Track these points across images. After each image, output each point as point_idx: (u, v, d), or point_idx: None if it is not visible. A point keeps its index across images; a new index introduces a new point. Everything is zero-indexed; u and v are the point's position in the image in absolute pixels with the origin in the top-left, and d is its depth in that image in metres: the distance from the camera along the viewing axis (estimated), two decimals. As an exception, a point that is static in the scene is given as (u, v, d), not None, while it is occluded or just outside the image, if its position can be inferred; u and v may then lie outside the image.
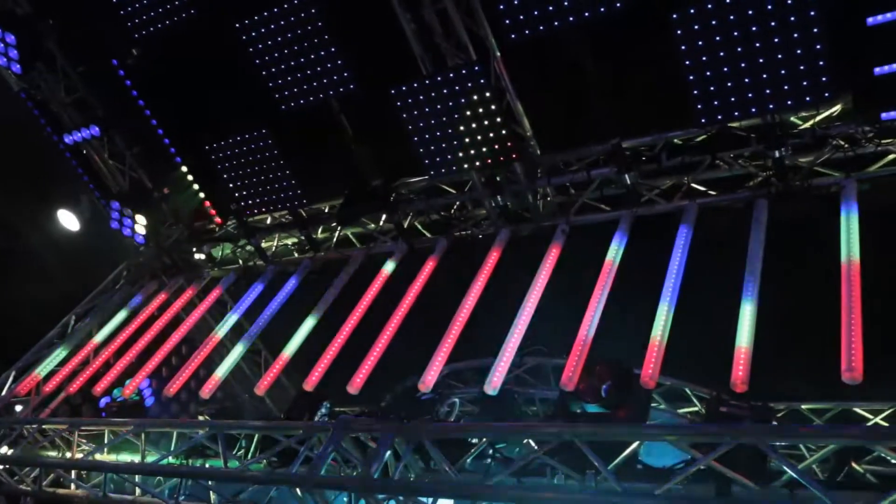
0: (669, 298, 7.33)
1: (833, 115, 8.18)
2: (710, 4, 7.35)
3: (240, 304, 11.29)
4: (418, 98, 9.07)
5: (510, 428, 6.83)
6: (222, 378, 10.06)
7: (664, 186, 9.03)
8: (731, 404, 6.73)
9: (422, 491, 6.63)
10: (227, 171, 10.99)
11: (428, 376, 7.99)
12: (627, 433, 6.20)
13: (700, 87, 7.72)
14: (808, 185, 8.13)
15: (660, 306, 7.31)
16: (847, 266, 6.71)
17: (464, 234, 9.99)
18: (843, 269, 6.73)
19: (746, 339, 6.55)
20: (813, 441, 5.62)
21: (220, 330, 11.10)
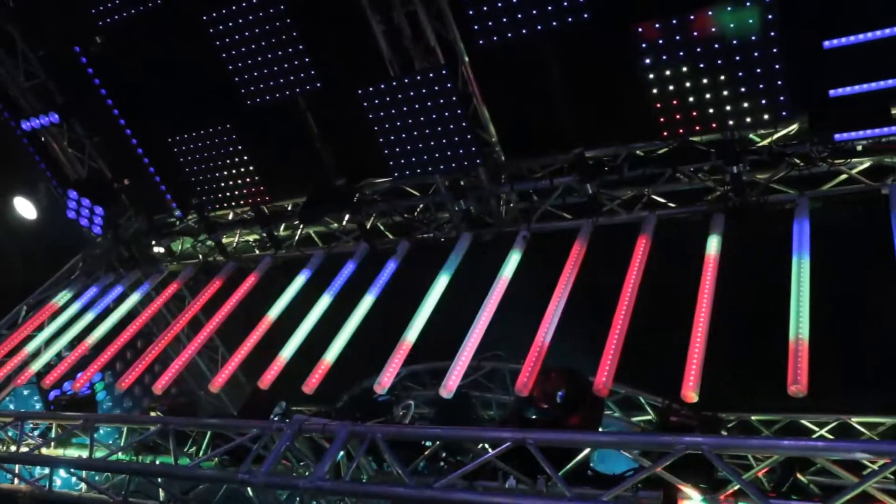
0: (625, 308, 7.41)
1: (790, 134, 8.37)
2: (674, 20, 7.47)
3: (198, 299, 11.14)
4: (385, 99, 9.06)
5: (463, 431, 6.83)
6: (176, 374, 9.91)
7: (625, 197, 9.16)
8: (682, 414, 6.86)
9: (372, 493, 6.62)
10: (190, 165, 10.85)
11: (384, 378, 7.98)
12: (579, 440, 6.26)
13: (662, 101, 7.83)
14: (763, 201, 8.31)
15: (616, 315, 7.39)
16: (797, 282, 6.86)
17: (426, 236, 10.00)
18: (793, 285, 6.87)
19: (697, 351, 6.65)
20: (758, 452, 5.73)
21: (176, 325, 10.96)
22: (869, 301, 8.19)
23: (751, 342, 8.98)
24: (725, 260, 7.87)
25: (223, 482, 7.57)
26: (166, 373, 9.90)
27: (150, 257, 12.65)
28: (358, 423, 7.32)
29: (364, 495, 6.74)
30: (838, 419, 10.01)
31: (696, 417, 6.68)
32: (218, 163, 10.68)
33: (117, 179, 11.83)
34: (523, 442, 6.33)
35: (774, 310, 7.16)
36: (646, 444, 5.97)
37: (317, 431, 7.40)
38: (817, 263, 7.33)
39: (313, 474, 6.86)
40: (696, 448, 5.67)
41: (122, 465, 8.45)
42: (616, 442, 6.21)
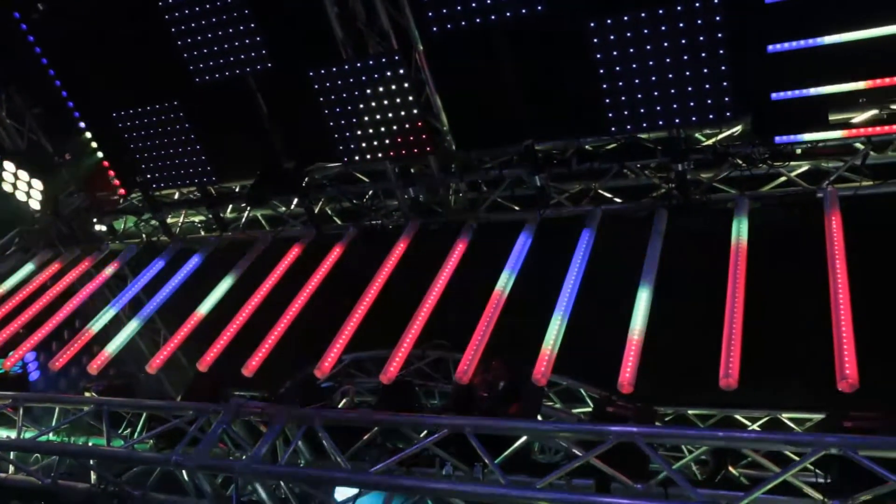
0: (567, 299, 7.51)
1: (734, 135, 8.57)
2: (627, 17, 7.55)
3: (139, 279, 10.91)
4: (336, 83, 8.97)
5: (401, 418, 6.84)
6: (113, 354, 9.68)
7: (573, 190, 9.26)
8: (618, 405, 6.98)
9: (308, 477, 6.59)
10: (135, 142, 10.59)
11: (324, 363, 7.94)
12: (515, 428, 6.32)
13: (612, 96, 7.91)
14: (706, 200, 8.48)
15: (557, 305, 7.48)
16: (733, 283, 7.03)
17: (374, 223, 9.95)
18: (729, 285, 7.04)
19: (635, 344, 6.77)
20: (686, 442, 5.88)
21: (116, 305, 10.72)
22: (801, 301, 8.41)
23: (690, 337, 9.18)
24: (667, 254, 8.02)
25: (156, 465, 7.42)
26: (102, 353, 9.66)
27: (91, 235, 12.32)
28: (297, 408, 7.28)
29: (300, 480, 6.70)
30: (769, 414, 10.32)
31: (631, 409, 6.80)
32: (164, 140, 10.44)
33: (58, 153, 11.47)
34: (461, 429, 6.40)
35: (714, 306, 7.31)
36: (579, 433, 6.07)
37: (255, 415, 7.34)
38: (754, 262, 7.52)
39: (249, 458, 6.81)
40: (628, 437, 5.80)
41: (52, 446, 8.24)
42: (551, 430, 6.31)
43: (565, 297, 7.51)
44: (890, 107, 7.67)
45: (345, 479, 6.51)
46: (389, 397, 8.49)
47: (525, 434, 6.36)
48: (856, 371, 5.89)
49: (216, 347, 8.83)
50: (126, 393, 9.51)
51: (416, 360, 10.80)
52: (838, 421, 6.09)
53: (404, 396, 8.76)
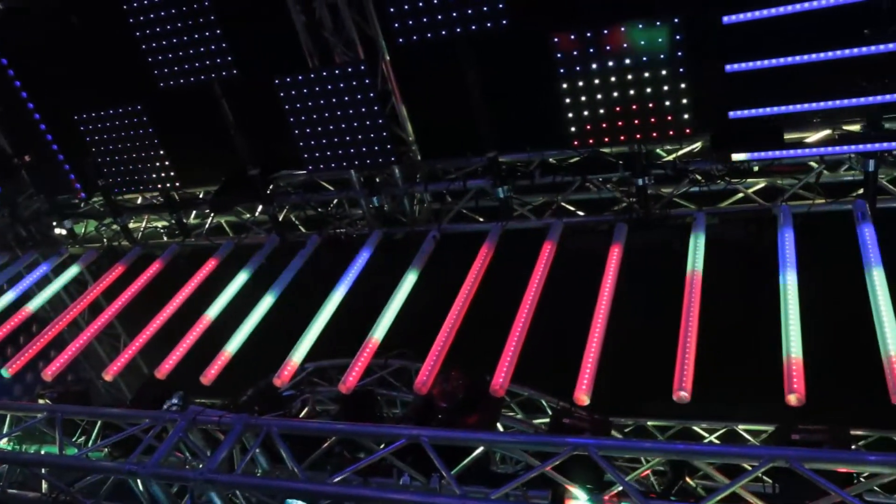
0: (527, 311, 7.57)
1: (694, 151, 8.73)
2: (589, 33, 7.66)
3: (99, 284, 10.75)
4: (302, 91, 8.96)
5: (358, 427, 6.83)
6: (69, 360, 9.52)
7: (536, 203, 9.36)
8: (575, 416, 7.05)
9: (263, 487, 6.55)
10: (97, 145, 10.45)
11: (283, 372, 7.90)
12: (472, 439, 6.35)
13: (574, 110, 8.01)
14: (665, 214, 8.62)
15: (517, 318, 7.53)
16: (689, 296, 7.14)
17: (338, 231, 9.95)
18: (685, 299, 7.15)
19: (592, 356, 6.84)
20: (639, 454, 5.97)
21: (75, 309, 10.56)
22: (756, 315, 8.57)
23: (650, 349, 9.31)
24: (627, 269, 8.13)
25: (110, 473, 7.30)
26: (58, 358, 9.50)
27: (51, 238, 12.12)
28: (254, 417, 7.23)
29: (256, 489, 6.64)
30: (727, 426, 10.53)
31: (588, 420, 6.87)
32: (127, 144, 10.31)
33: (17, 155, 11.27)
34: (418, 439, 6.40)
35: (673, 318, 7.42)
36: (535, 445, 6.12)
37: (212, 423, 7.27)
38: (710, 277, 7.66)
39: (205, 466, 6.75)
40: (583, 449, 5.86)
41: (2, 454, 8.08)
42: (507, 441, 6.35)
43: (525, 309, 7.55)
44: (842, 127, 7.90)
45: (301, 489, 6.47)
46: (350, 406, 8.49)
47: (482, 445, 6.39)
48: (803, 386, 6.02)
49: (175, 355, 8.72)
50: (81, 400, 9.37)
51: (378, 369, 10.80)
52: (787, 434, 6.25)
53: (365, 406, 8.76)
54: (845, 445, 6.04)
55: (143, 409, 8.13)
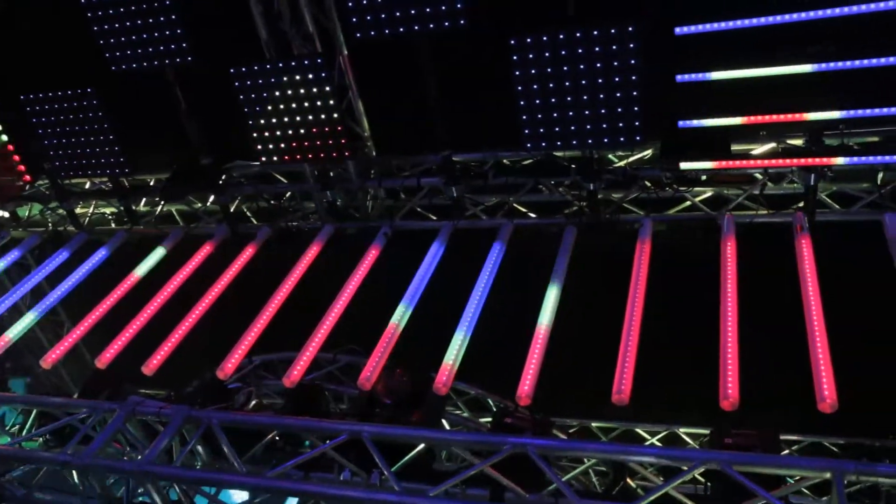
0: (473, 311, 7.63)
1: (644, 158, 8.88)
2: (546, 37, 7.73)
3: (42, 269, 10.50)
4: (258, 82, 8.88)
5: (299, 422, 6.81)
6: (5, 346, 9.27)
7: (489, 203, 9.42)
8: (517, 416, 7.13)
9: (201, 479, 6.48)
10: (44, 127, 10.18)
11: (227, 364, 7.83)
12: (412, 436, 6.38)
13: (528, 113, 8.08)
14: (615, 220, 8.76)
15: (462, 317, 7.58)
16: (632, 301, 7.27)
17: (290, 224, 9.87)
18: (629, 303, 7.28)
19: (536, 357, 6.93)
20: (574, 454, 6.07)
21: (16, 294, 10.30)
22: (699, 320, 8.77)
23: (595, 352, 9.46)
24: (575, 271, 8.24)
25: (44, 463, 7.16)
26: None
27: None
28: (195, 408, 7.16)
29: (194, 481, 6.58)
30: (668, 429, 10.75)
31: (529, 420, 6.95)
32: (76, 128, 10.07)
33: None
34: (359, 435, 6.41)
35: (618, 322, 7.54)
36: (475, 443, 6.18)
37: (151, 414, 7.18)
38: (656, 282, 7.80)
39: (143, 458, 6.66)
40: (521, 448, 5.93)
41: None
42: (448, 439, 6.39)
43: (471, 308, 7.61)
44: (787, 141, 8.13)
45: (239, 481, 6.43)
46: (296, 400, 8.44)
47: (423, 442, 6.42)
48: (737, 391, 6.18)
49: (116, 344, 8.57)
50: (19, 388, 9.17)
51: (327, 364, 10.76)
52: (721, 438, 6.41)
53: (312, 400, 8.71)
54: (774, 449, 6.21)
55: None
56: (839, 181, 8.28)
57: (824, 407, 5.95)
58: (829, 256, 7.46)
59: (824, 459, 5.42)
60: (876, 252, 7.36)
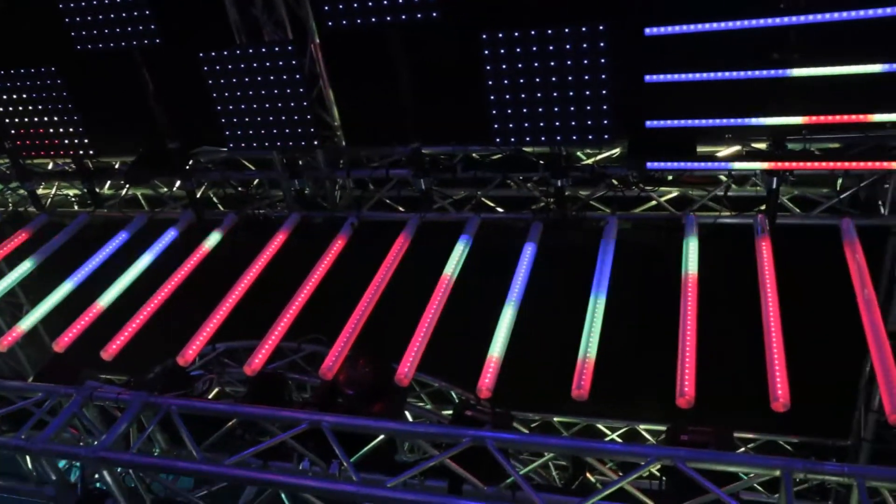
0: (437, 302, 7.65)
1: (612, 157, 8.97)
2: (517, 33, 7.75)
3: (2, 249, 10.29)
4: (227, 67, 8.78)
5: (259, 410, 6.78)
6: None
7: (457, 196, 9.44)
8: (478, 409, 7.18)
9: (157, 467, 6.43)
10: (5, 105, 9.96)
11: (188, 351, 7.75)
12: (372, 426, 6.39)
13: (498, 108, 8.09)
14: (581, 217, 8.82)
15: (426, 309, 7.59)
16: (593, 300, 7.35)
17: (257, 212, 9.80)
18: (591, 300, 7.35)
19: (498, 351, 6.97)
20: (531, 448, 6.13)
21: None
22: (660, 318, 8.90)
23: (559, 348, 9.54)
24: (540, 266, 8.29)
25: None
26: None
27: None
28: (154, 395, 7.09)
29: (150, 468, 6.52)
30: (629, 425, 10.91)
31: (489, 414, 7.00)
32: (39, 107, 9.88)
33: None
34: (319, 425, 6.40)
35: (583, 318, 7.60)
36: (435, 435, 6.20)
37: (109, 400, 7.09)
38: (619, 279, 7.88)
39: (98, 444, 6.59)
40: (480, 441, 5.97)
41: None
42: (407, 431, 6.41)
43: (436, 300, 7.63)
44: (751, 144, 8.26)
45: (196, 469, 6.39)
46: (258, 389, 8.40)
47: (382, 433, 6.43)
48: (693, 388, 6.28)
49: (75, 328, 8.43)
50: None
51: (291, 353, 10.72)
52: (677, 435, 6.51)
53: (274, 389, 8.69)
54: (728, 447, 6.33)
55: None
56: (800, 186, 8.44)
57: (777, 406, 6.07)
58: (788, 259, 7.61)
59: (774, 458, 5.52)
60: (833, 256, 7.52)
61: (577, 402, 6.75)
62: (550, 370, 9.63)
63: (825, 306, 8.27)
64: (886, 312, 8.65)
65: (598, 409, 10.98)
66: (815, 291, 8.37)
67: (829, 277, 7.56)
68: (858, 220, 7.79)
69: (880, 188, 8.15)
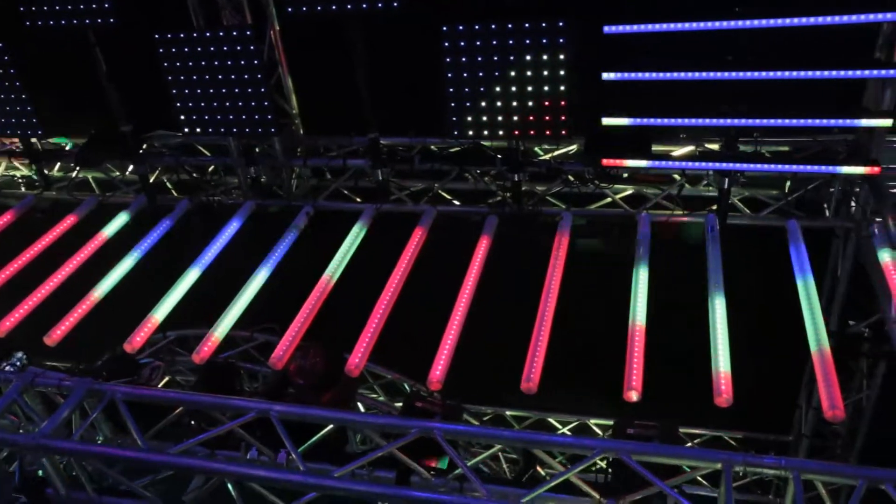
0: (390, 294, 7.64)
1: (569, 153, 9.04)
2: (478, 26, 7.75)
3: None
4: (184, 50, 8.63)
5: (206, 398, 6.69)
6: None
7: (415, 188, 9.43)
8: (428, 401, 7.18)
9: (99, 455, 6.31)
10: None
11: (136, 338, 7.61)
12: (321, 416, 6.36)
13: (457, 101, 8.10)
14: (537, 211, 8.88)
15: (380, 299, 7.58)
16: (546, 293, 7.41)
17: (211, 198, 9.65)
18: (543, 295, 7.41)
19: (450, 343, 6.98)
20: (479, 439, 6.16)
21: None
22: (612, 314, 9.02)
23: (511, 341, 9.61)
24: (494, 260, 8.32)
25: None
26: None
27: None
28: (98, 382, 6.94)
29: (92, 456, 6.39)
30: (579, 419, 11.06)
31: (439, 406, 7.02)
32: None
33: None
34: (267, 414, 6.34)
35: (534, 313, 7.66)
36: (384, 426, 6.19)
37: (51, 386, 6.92)
38: (570, 274, 7.96)
39: (38, 431, 6.43)
40: (428, 432, 5.98)
41: None
42: (356, 421, 6.40)
43: (388, 292, 7.62)
44: (704, 145, 8.40)
45: (140, 457, 6.28)
46: (209, 378, 8.31)
47: (331, 423, 6.41)
48: (641, 384, 6.38)
49: (18, 312, 8.21)
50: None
51: (243, 342, 10.61)
52: (624, 428, 6.62)
53: (225, 378, 8.59)
54: (673, 441, 6.45)
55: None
56: (751, 187, 8.62)
57: (720, 401, 6.20)
58: (737, 258, 7.77)
59: (715, 451, 5.63)
60: (779, 256, 7.70)
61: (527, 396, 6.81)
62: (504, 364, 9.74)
63: (771, 305, 8.47)
64: (829, 312, 8.92)
65: (549, 403, 11.10)
66: (761, 290, 8.57)
67: (775, 276, 7.74)
68: (804, 222, 7.98)
69: (826, 191, 8.37)
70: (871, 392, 8.84)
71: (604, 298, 8.70)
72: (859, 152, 7.76)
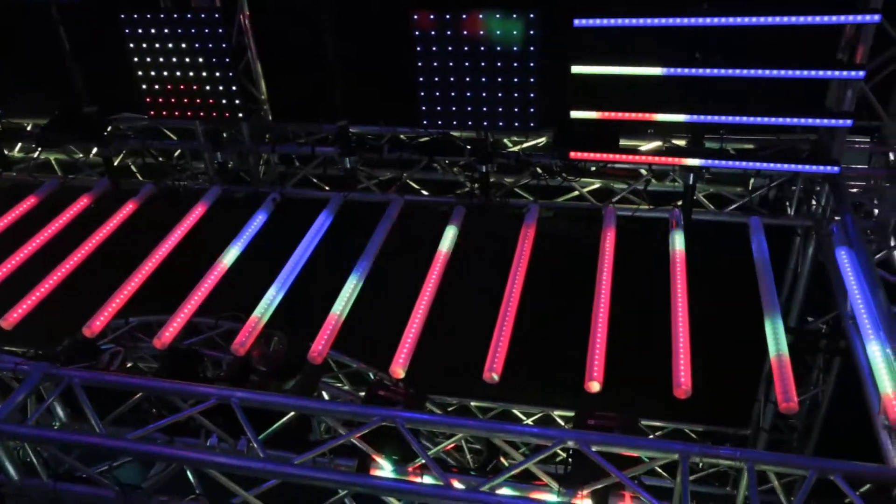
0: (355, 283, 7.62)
1: (538, 145, 9.07)
2: (449, 16, 7.73)
3: None
4: (150, 31, 8.50)
5: (166, 384, 6.62)
6: None
7: (383, 177, 9.39)
8: (391, 389, 7.17)
9: (55, 441, 6.21)
10: None
11: (95, 323, 7.49)
12: (283, 403, 6.33)
13: (427, 90, 8.10)
14: (504, 203, 8.90)
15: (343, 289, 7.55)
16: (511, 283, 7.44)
17: (176, 183, 9.52)
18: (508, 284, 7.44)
19: (413, 332, 6.98)
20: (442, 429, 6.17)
21: None
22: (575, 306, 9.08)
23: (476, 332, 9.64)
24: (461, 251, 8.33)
25: None
26: None
27: None
28: (55, 366, 6.83)
29: (46, 442, 6.29)
30: (543, 411, 11.13)
31: (402, 395, 7.01)
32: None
33: None
34: (228, 400, 6.29)
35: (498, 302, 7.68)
36: (345, 414, 6.18)
37: (6, 370, 6.80)
38: (536, 267, 8.00)
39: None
40: (390, 421, 5.98)
41: None
42: (317, 409, 6.38)
43: (353, 281, 7.60)
44: (672, 141, 8.48)
45: (97, 443, 6.19)
46: (171, 364, 8.19)
47: (292, 410, 6.38)
48: (602, 374, 6.44)
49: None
50: None
51: (208, 329, 10.48)
52: (584, 419, 6.66)
53: (188, 365, 8.47)
54: (633, 432, 6.50)
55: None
56: (716, 183, 8.73)
57: (679, 393, 6.29)
58: (699, 253, 7.86)
59: (673, 442, 5.72)
60: (741, 252, 7.81)
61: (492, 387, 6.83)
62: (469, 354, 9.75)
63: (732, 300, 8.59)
64: (789, 308, 9.08)
65: (513, 394, 11.16)
66: (723, 285, 8.68)
67: (737, 272, 7.85)
68: (767, 219, 8.11)
69: (788, 189, 8.51)
70: (827, 387, 9.03)
71: (568, 290, 8.76)
72: (821, 152, 7.90)
